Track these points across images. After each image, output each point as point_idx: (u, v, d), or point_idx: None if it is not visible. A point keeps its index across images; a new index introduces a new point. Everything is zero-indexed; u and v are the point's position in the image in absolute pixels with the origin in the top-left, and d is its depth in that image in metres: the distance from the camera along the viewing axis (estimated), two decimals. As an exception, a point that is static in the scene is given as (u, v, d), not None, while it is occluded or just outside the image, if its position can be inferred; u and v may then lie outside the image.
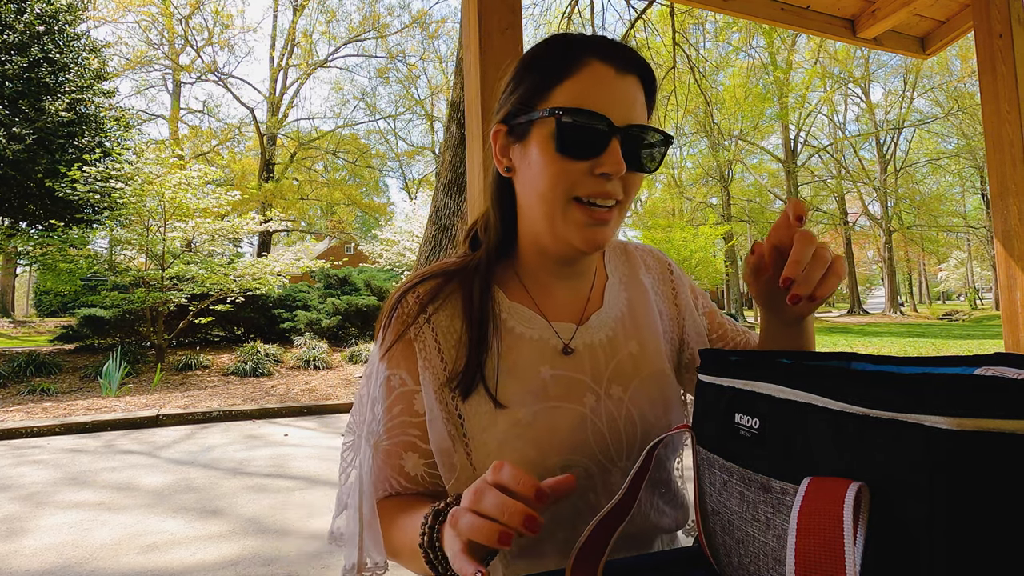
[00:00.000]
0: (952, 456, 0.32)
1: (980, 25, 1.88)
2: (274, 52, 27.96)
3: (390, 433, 0.69)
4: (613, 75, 0.63)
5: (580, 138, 0.62)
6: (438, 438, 0.67)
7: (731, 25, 19.15)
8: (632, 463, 0.68)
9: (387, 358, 0.69)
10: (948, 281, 51.99)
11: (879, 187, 30.89)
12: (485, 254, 0.72)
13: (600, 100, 0.62)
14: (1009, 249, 1.79)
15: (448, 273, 0.72)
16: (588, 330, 0.73)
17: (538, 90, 0.64)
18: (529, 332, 0.70)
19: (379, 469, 0.69)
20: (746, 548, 0.46)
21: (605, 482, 0.68)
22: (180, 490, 4.15)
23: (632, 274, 0.81)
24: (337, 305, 11.92)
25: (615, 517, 0.57)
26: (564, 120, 0.61)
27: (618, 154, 0.62)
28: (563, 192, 0.63)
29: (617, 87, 0.63)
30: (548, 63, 0.65)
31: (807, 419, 0.41)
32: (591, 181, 0.63)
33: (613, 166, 0.61)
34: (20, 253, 12.62)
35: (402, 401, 0.69)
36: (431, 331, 0.69)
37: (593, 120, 0.61)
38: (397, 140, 37.07)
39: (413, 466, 0.69)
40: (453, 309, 0.70)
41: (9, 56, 10.47)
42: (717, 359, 0.54)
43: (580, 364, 0.70)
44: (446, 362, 0.68)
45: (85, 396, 7.84)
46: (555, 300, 0.74)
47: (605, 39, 0.65)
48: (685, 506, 0.78)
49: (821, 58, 27.96)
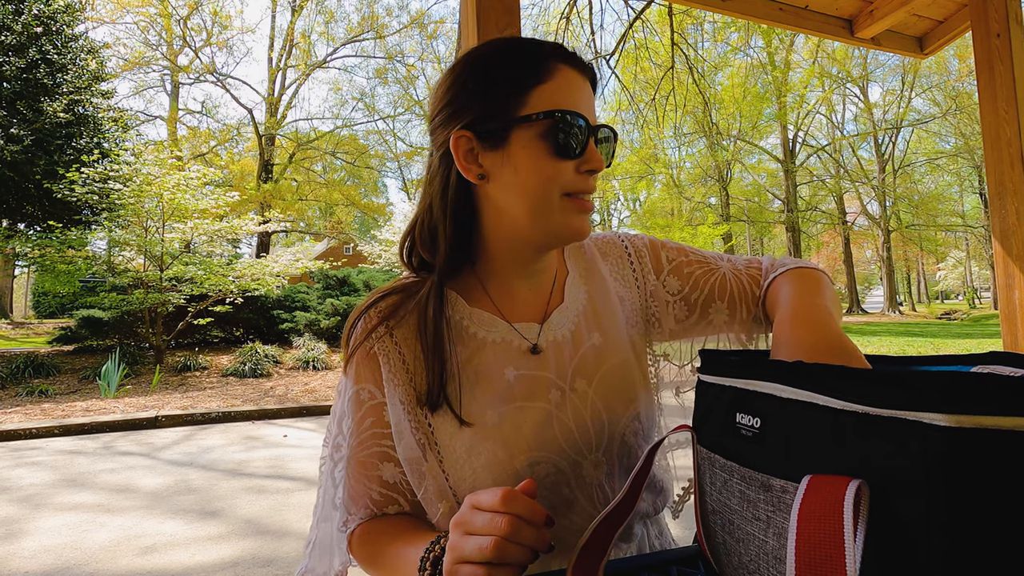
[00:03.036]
0: (949, 453, 0.32)
1: (978, 25, 1.88)
2: (272, 53, 27.93)
3: (363, 445, 0.70)
4: (579, 78, 0.67)
5: (569, 139, 0.65)
6: (406, 448, 0.68)
7: (729, 25, 19.18)
8: (602, 455, 0.71)
9: (352, 374, 0.71)
10: (946, 280, 52.06)
11: (877, 187, 30.93)
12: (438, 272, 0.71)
13: (576, 103, 0.66)
14: (1007, 248, 1.80)
15: (407, 289, 0.73)
16: (551, 327, 0.74)
17: (511, 95, 0.65)
18: (492, 336, 0.72)
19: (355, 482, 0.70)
20: (746, 547, 0.46)
21: (577, 476, 0.69)
22: (179, 491, 4.14)
23: (590, 266, 0.82)
24: (336, 306, 11.91)
25: (616, 517, 0.57)
26: (555, 123, 0.64)
27: (598, 151, 0.67)
28: (557, 190, 0.66)
29: (584, 90, 0.68)
30: (518, 69, 0.66)
31: (807, 418, 0.42)
32: (579, 178, 0.67)
33: (597, 163, 0.67)
34: (18, 254, 12.59)
35: (373, 413, 0.70)
36: (394, 345, 0.70)
37: (578, 121, 0.65)
38: (396, 141, 37.02)
39: (391, 475, 0.70)
40: (412, 326, 0.71)
41: (7, 57, 10.46)
42: (717, 359, 0.54)
43: (545, 362, 0.72)
44: (412, 374, 0.70)
45: (84, 397, 7.83)
46: (517, 301, 0.75)
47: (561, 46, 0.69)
48: (664, 491, 0.79)
49: (819, 58, 27.98)
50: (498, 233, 0.71)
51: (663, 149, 29.15)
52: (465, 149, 0.67)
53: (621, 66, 12.43)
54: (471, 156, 0.68)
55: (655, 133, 20.81)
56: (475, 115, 0.66)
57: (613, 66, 11.19)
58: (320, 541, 0.74)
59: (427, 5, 51.99)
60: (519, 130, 0.65)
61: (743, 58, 24.28)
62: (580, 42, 12.09)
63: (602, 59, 10.95)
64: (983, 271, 43.67)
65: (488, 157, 0.67)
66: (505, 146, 0.66)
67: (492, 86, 0.66)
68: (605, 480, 0.70)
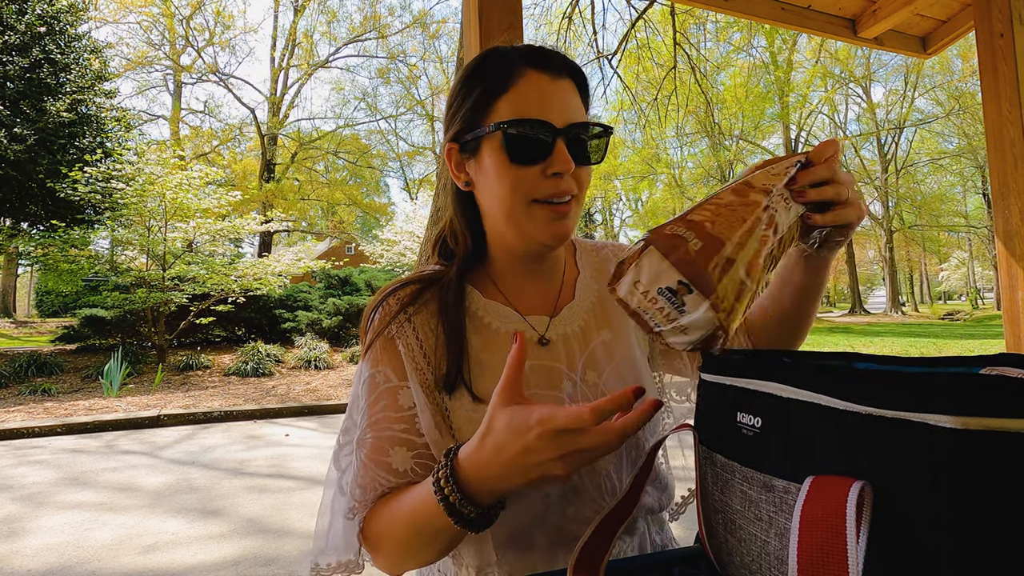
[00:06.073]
0: (956, 455, 0.32)
1: (981, 24, 1.87)
2: (275, 52, 27.99)
3: (374, 428, 0.69)
4: (548, 81, 0.68)
5: (527, 146, 0.66)
6: (428, 428, 0.69)
7: (732, 25, 19.14)
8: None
9: (370, 358, 0.73)
10: (949, 281, 51.95)
11: (880, 187, 30.86)
12: (458, 262, 0.76)
13: (540, 107, 0.66)
14: (1010, 249, 1.79)
15: (426, 280, 0.76)
16: (561, 321, 0.76)
17: (481, 106, 0.69)
18: (505, 327, 0.74)
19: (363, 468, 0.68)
20: (748, 547, 0.46)
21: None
22: (181, 490, 4.15)
23: (603, 268, 0.85)
24: (338, 305, 11.93)
25: (617, 516, 0.57)
26: (510, 132, 0.66)
27: (565, 153, 0.66)
28: (522, 197, 0.68)
29: (554, 91, 0.68)
30: (487, 79, 0.69)
31: (810, 418, 0.41)
32: (546, 183, 0.67)
33: (562, 165, 0.66)
34: (22, 254, 12.65)
35: (386, 397, 0.70)
36: (412, 330, 0.72)
37: (536, 127, 0.66)
38: (398, 140, 37.09)
39: (401, 461, 0.68)
40: (431, 313, 0.74)
41: (10, 57, 10.49)
42: (719, 358, 0.54)
43: (555, 353, 0.74)
44: (429, 359, 0.71)
45: (86, 396, 7.85)
46: (527, 296, 0.78)
47: (536, 48, 0.70)
48: (669, 488, 0.80)
49: (822, 58, 27.92)
50: (493, 237, 0.77)
51: (665, 149, 29.15)
52: (456, 160, 0.73)
53: (623, 66, 12.41)
54: (460, 166, 0.73)
55: (657, 133, 20.80)
56: (458, 127, 0.71)
57: (615, 66, 11.17)
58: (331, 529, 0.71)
59: (429, 5, 52.04)
60: (487, 140, 0.68)
61: (745, 58, 24.22)
62: (583, 42, 12.10)
63: (604, 59, 10.93)
64: (986, 272, 43.55)
65: (471, 167, 0.72)
66: (479, 156, 0.70)
67: (467, 98, 0.70)
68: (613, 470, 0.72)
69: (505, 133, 0.66)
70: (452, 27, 31.38)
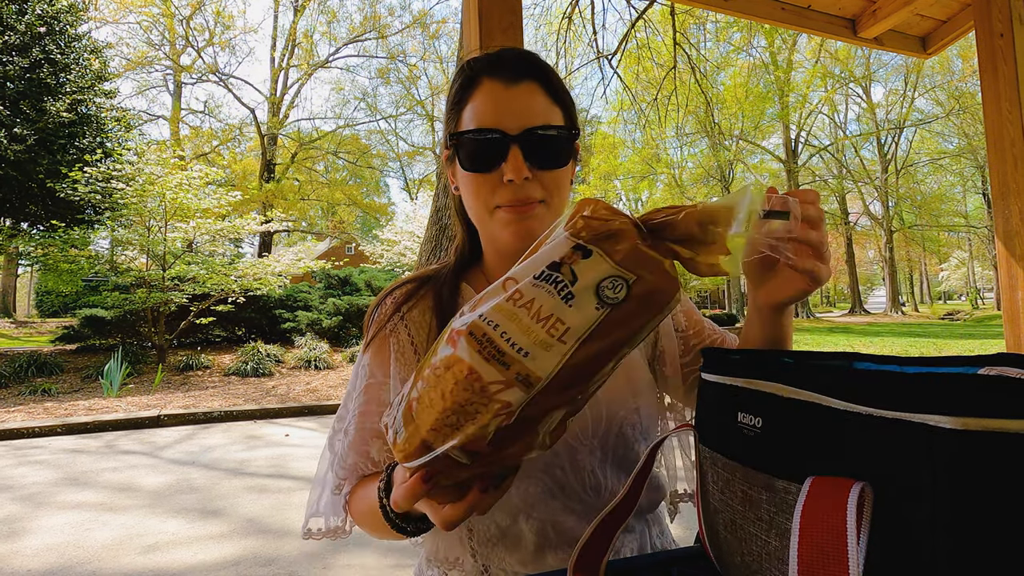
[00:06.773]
0: (956, 456, 0.32)
1: (981, 24, 1.87)
2: (275, 53, 27.97)
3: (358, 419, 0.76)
4: (502, 89, 0.68)
5: (479, 154, 0.68)
6: None
7: (732, 25, 19.13)
8: (597, 443, 0.73)
9: (366, 354, 0.78)
10: (949, 281, 51.94)
11: (880, 187, 30.86)
12: (454, 260, 0.81)
13: (493, 115, 0.68)
14: (1010, 249, 1.79)
15: (423, 278, 0.81)
16: None
17: (451, 118, 0.73)
18: None
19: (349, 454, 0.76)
20: (748, 547, 0.46)
21: (572, 460, 0.72)
22: (181, 490, 4.15)
23: None
24: (338, 305, 11.93)
25: (617, 516, 0.57)
26: (464, 141, 0.69)
27: (518, 160, 0.66)
28: (483, 203, 0.70)
29: (509, 98, 0.68)
30: (455, 91, 0.73)
31: (810, 418, 0.41)
32: (504, 189, 0.68)
33: (513, 171, 0.67)
34: (21, 254, 12.64)
35: (369, 392, 0.76)
36: (404, 328, 0.76)
37: (484, 135, 0.67)
38: (398, 140, 37.06)
39: (378, 451, 0.75)
40: (426, 307, 0.77)
41: (10, 57, 10.49)
42: (719, 357, 0.54)
43: None
44: (420, 354, 0.75)
45: (86, 396, 7.85)
46: None
47: (494, 55, 0.71)
48: (660, 488, 0.80)
49: (822, 58, 27.92)
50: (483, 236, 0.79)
51: (665, 149, 29.12)
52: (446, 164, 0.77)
53: (623, 66, 12.40)
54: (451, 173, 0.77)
55: (657, 133, 20.78)
56: (445, 136, 0.75)
57: (615, 66, 11.17)
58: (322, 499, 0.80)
59: (429, 5, 51.99)
60: (455, 150, 0.72)
61: (745, 58, 24.20)
62: (582, 42, 12.10)
63: (604, 59, 10.93)
64: (986, 272, 43.54)
65: (454, 172, 0.76)
66: (454, 165, 0.74)
67: (447, 108, 0.75)
68: (598, 467, 0.72)
69: (460, 143, 0.69)
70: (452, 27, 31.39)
